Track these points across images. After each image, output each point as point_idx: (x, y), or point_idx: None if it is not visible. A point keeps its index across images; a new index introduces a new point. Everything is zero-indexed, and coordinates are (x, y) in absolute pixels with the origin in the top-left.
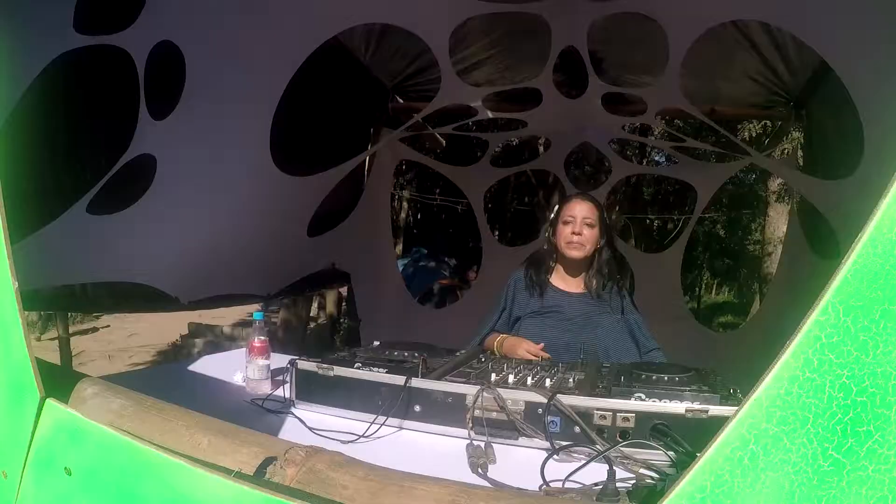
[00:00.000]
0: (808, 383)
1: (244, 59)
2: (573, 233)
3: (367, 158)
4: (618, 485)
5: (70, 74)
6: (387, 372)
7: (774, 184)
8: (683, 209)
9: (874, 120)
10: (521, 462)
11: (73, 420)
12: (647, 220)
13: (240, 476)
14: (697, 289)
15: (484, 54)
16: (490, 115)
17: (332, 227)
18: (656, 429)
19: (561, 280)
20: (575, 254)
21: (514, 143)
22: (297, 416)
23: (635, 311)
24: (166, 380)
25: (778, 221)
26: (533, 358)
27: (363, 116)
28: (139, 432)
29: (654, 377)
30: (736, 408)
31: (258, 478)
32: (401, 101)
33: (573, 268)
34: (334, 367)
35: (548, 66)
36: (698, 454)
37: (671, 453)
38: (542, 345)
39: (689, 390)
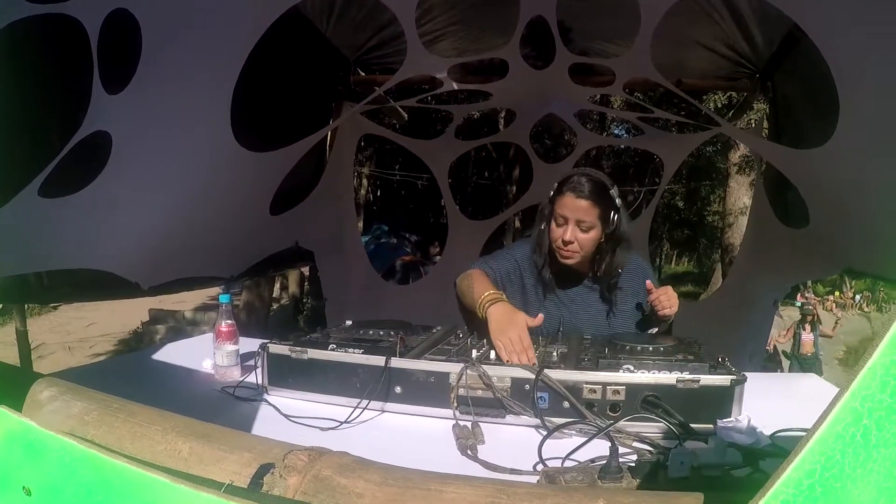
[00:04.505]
0: None
1: (202, 29)
2: (563, 240)
3: (329, 133)
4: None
5: (18, 47)
6: (363, 352)
7: (736, 155)
8: (644, 181)
9: (852, 89)
10: (510, 441)
11: (28, 431)
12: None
13: (232, 490)
14: (658, 259)
15: (451, 24)
16: (455, 86)
17: (294, 205)
18: (647, 401)
19: (556, 270)
20: (566, 262)
21: (476, 116)
22: (270, 404)
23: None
24: (130, 371)
25: (739, 192)
26: (515, 361)
27: (325, 90)
28: (106, 441)
29: (638, 348)
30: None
31: (254, 491)
32: (362, 73)
33: (565, 267)
34: (308, 349)
35: (515, 36)
36: (805, 434)
37: (670, 425)
38: (540, 316)
39: (676, 360)
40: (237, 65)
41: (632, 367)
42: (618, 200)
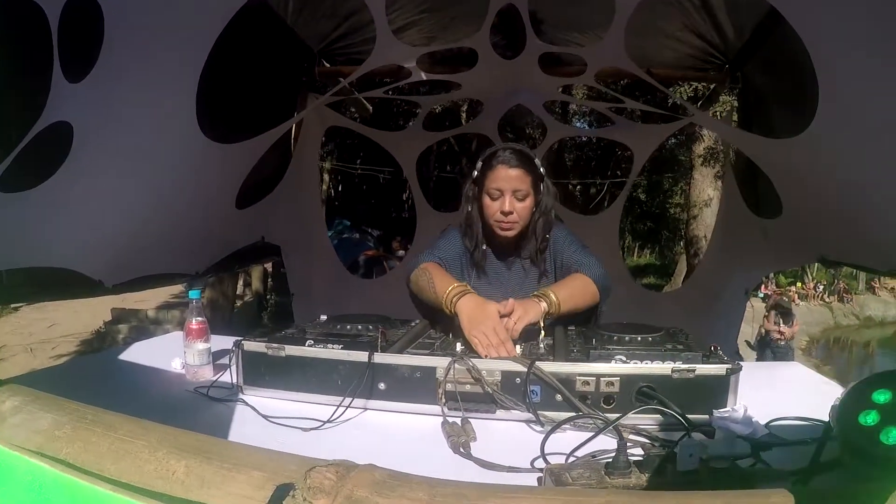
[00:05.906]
0: None
1: (167, 16)
2: (502, 212)
3: (294, 126)
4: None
5: None
6: (343, 348)
7: (700, 147)
8: (606, 174)
9: (832, 77)
10: (502, 437)
11: None
12: (576, 184)
13: None
14: (621, 252)
15: (421, 12)
16: (424, 76)
17: (260, 198)
18: (642, 392)
19: (494, 249)
20: (507, 234)
21: (437, 111)
22: (247, 404)
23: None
24: (96, 372)
25: (703, 184)
26: (494, 355)
27: (290, 81)
28: (82, 461)
29: (626, 338)
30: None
31: None
32: (327, 65)
33: (505, 242)
34: (285, 346)
35: (485, 25)
36: None
37: (679, 417)
38: (511, 301)
39: (667, 350)
40: (202, 54)
41: (624, 358)
42: (542, 169)
